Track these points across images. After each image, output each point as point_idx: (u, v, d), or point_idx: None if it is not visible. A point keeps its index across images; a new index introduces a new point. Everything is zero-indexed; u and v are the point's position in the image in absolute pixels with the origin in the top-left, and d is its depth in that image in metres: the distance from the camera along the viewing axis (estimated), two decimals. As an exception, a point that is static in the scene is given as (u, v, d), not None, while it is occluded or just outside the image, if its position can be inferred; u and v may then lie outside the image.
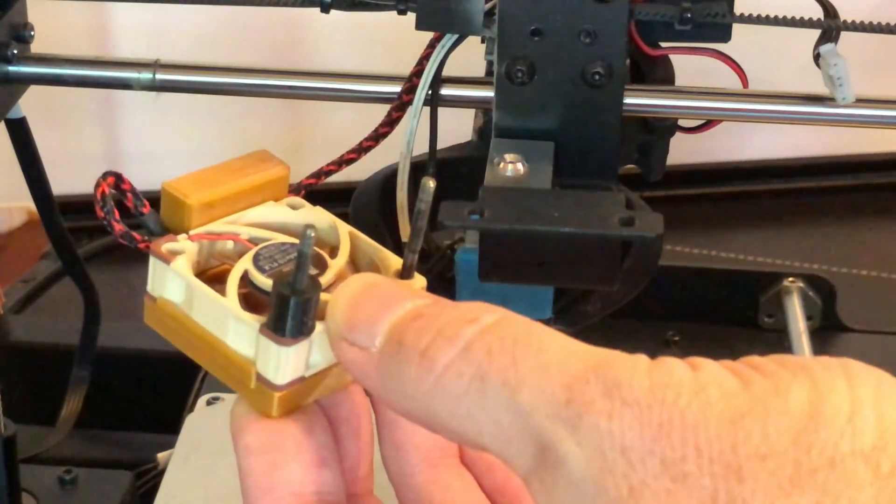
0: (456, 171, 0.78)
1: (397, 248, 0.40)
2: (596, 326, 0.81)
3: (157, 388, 1.02)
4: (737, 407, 0.30)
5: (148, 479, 0.94)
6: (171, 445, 0.91)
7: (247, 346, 0.38)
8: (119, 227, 0.41)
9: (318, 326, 0.37)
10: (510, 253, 0.69)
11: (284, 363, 0.37)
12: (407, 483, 0.41)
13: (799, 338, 1.06)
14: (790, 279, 1.11)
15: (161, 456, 0.95)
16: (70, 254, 0.91)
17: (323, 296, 0.38)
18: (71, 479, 0.91)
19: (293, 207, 0.43)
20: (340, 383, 0.39)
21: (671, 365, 0.32)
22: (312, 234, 0.36)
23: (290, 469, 0.38)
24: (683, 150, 0.82)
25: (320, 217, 0.43)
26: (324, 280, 0.40)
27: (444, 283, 0.78)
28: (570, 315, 0.79)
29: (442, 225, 0.64)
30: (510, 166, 0.70)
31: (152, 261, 0.40)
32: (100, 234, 1.25)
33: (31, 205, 0.94)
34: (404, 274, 0.40)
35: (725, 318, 1.12)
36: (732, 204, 1.44)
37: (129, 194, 0.41)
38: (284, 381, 0.38)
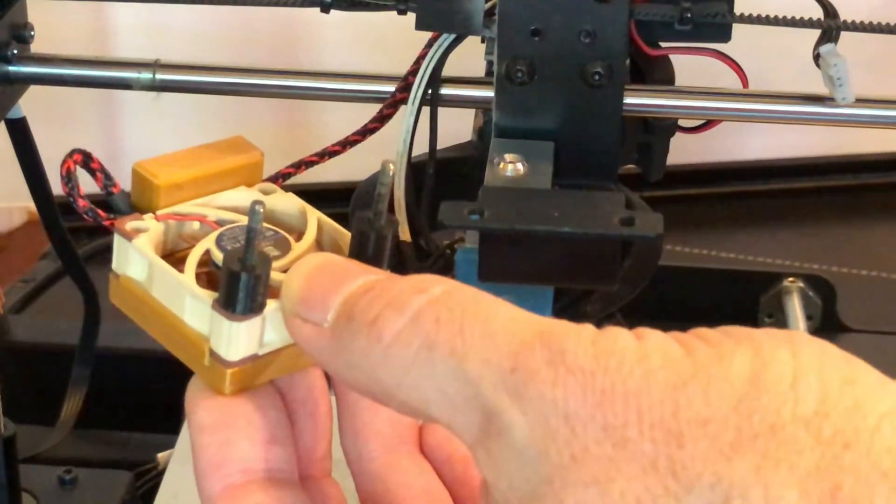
0: (456, 171, 0.78)
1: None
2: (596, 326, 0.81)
3: (157, 388, 1.02)
4: (679, 373, 0.30)
5: (148, 479, 0.94)
6: (171, 445, 0.91)
7: (202, 322, 0.38)
8: (83, 202, 0.41)
9: (273, 304, 0.37)
10: (510, 253, 0.69)
11: (236, 339, 0.37)
12: (364, 468, 0.41)
13: (799, 338, 1.06)
14: (790, 279, 1.11)
15: (161, 456, 0.95)
16: (70, 254, 0.91)
17: (280, 276, 0.38)
18: (71, 479, 0.91)
19: (265, 192, 0.43)
20: (297, 364, 0.39)
21: (616, 333, 0.32)
22: (261, 210, 0.36)
23: (240, 446, 0.38)
24: (683, 150, 0.82)
25: (290, 203, 0.43)
26: (284, 262, 0.40)
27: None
28: (570, 315, 0.79)
29: (442, 225, 0.64)
30: (510, 166, 0.70)
31: (116, 238, 0.40)
32: (100, 234, 1.25)
33: (31, 205, 0.94)
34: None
35: (725, 318, 1.11)
36: (732, 204, 1.43)
37: (98, 173, 0.42)
38: (236, 358, 0.38)
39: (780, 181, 1.45)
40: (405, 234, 0.77)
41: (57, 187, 0.86)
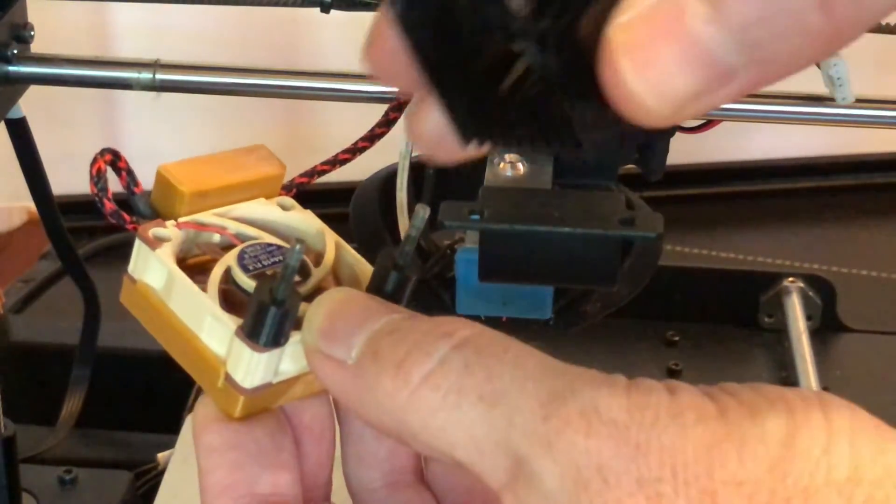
0: (456, 171, 0.78)
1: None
2: (596, 326, 0.81)
3: (157, 388, 1.02)
4: (714, 432, 0.31)
5: (148, 479, 0.94)
6: (171, 445, 0.91)
7: (220, 344, 0.38)
8: (110, 205, 0.42)
9: (293, 336, 0.37)
10: (510, 253, 0.69)
11: (255, 369, 0.37)
12: (366, 497, 0.41)
13: (799, 338, 1.06)
14: (790, 279, 1.11)
15: (161, 456, 0.95)
16: (70, 254, 0.91)
17: (301, 306, 0.38)
18: (71, 479, 0.91)
19: (284, 207, 0.43)
20: (307, 391, 0.39)
21: (649, 387, 0.32)
22: (301, 250, 0.36)
23: (249, 469, 0.38)
24: (683, 150, 0.82)
25: (309, 222, 0.43)
26: (304, 289, 0.40)
27: (444, 283, 0.78)
28: (570, 315, 0.79)
29: (442, 225, 0.64)
30: (510, 166, 0.70)
31: (137, 243, 0.40)
32: (100, 234, 1.25)
33: (31, 205, 0.94)
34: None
35: (725, 318, 1.12)
36: (732, 204, 1.43)
37: (123, 172, 0.42)
38: (252, 386, 0.38)
39: (780, 181, 1.45)
40: (404, 232, 0.76)
41: (57, 187, 0.86)
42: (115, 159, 0.42)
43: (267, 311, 0.37)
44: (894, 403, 1.00)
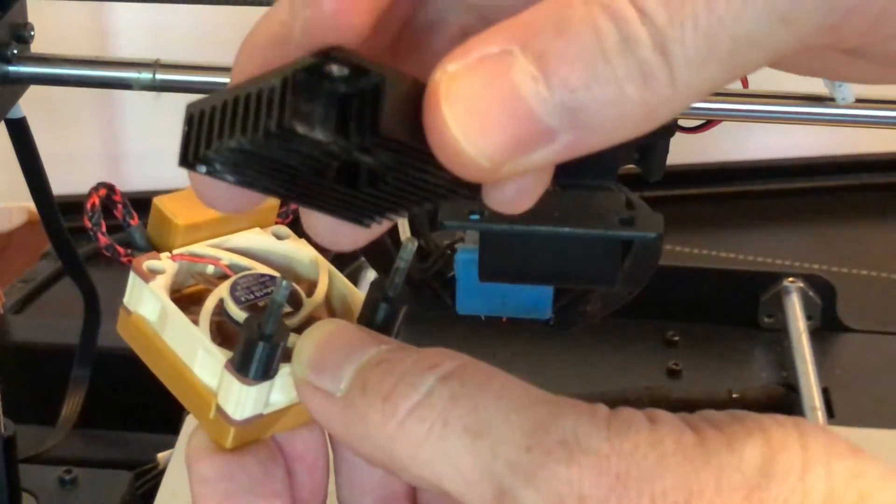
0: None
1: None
2: (596, 326, 0.81)
3: (157, 388, 1.02)
4: (692, 460, 0.31)
5: (148, 479, 0.94)
6: (171, 445, 0.91)
7: (211, 376, 0.39)
8: (104, 239, 0.42)
9: (283, 368, 0.38)
10: (510, 253, 0.69)
11: (244, 401, 0.38)
12: None
13: (799, 338, 1.06)
14: (790, 279, 1.12)
15: (161, 456, 0.96)
16: (70, 254, 0.91)
17: (291, 337, 0.38)
18: (71, 479, 0.91)
19: (278, 237, 0.44)
20: (299, 421, 0.40)
21: (629, 416, 0.32)
22: (287, 286, 0.37)
23: (240, 499, 0.38)
24: (683, 151, 0.82)
25: (302, 251, 0.43)
26: (296, 319, 0.40)
27: (444, 283, 0.78)
28: (570, 315, 0.79)
29: (442, 225, 0.64)
30: (510, 166, 0.70)
31: (132, 276, 0.41)
32: (100, 234, 1.25)
33: (31, 205, 0.94)
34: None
35: (725, 318, 1.12)
36: (732, 204, 1.43)
37: (119, 205, 0.42)
38: (242, 418, 0.38)
39: (780, 181, 1.45)
40: (405, 235, 0.77)
41: (57, 187, 0.86)
42: (109, 193, 0.42)
43: (255, 345, 0.37)
44: (894, 403, 1.00)
